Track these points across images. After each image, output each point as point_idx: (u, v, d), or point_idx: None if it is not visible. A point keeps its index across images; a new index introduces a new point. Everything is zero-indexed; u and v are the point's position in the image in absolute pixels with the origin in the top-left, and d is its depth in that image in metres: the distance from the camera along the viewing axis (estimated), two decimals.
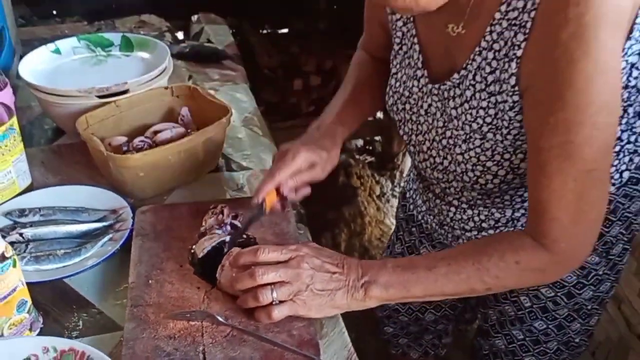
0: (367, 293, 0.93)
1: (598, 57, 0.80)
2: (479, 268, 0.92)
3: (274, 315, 0.90)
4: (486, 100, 0.95)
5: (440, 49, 1.01)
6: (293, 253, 0.94)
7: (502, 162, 0.99)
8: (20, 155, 1.15)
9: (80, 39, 1.46)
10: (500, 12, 0.89)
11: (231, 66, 1.66)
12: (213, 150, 1.24)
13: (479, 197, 1.10)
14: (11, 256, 0.87)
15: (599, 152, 0.85)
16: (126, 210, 1.12)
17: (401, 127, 1.14)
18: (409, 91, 1.08)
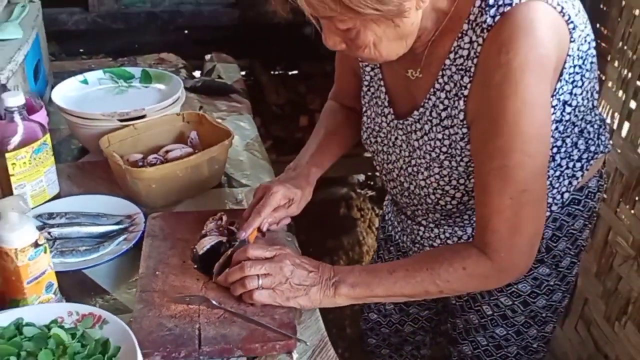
0: (337, 291, 1.09)
1: (524, 96, 0.98)
2: (432, 273, 1.08)
3: (255, 297, 1.07)
4: (441, 132, 1.13)
5: (403, 90, 1.19)
6: (277, 251, 1.12)
7: (458, 186, 1.16)
8: (51, 167, 1.34)
9: (105, 72, 1.67)
10: (450, 59, 1.08)
11: (238, 99, 1.86)
12: (216, 168, 1.43)
13: (442, 218, 1.27)
14: (43, 244, 1.04)
15: (531, 175, 1.02)
16: (139, 216, 1.31)
17: (375, 158, 1.32)
18: (379, 126, 1.26)
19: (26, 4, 1.76)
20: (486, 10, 1.00)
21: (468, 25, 1.04)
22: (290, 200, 1.25)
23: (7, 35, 1.57)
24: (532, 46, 0.97)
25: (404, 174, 1.24)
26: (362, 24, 0.98)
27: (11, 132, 1.27)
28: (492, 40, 1.00)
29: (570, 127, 1.14)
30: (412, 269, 1.09)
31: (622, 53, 1.68)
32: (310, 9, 0.95)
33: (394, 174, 1.27)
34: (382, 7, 0.93)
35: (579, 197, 1.25)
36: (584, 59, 1.06)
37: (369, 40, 1.00)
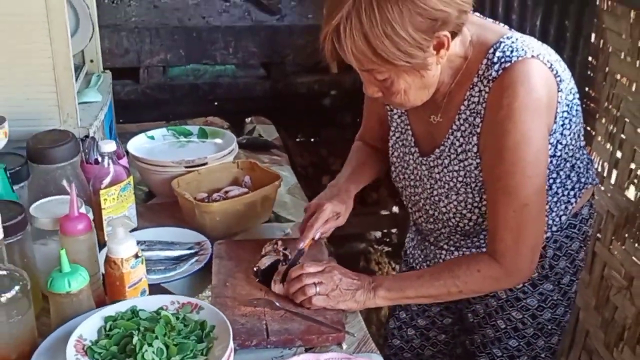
0: (376, 293, 1.35)
1: (522, 130, 1.27)
2: (452, 275, 1.35)
3: (314, 302, 1.33)
4: (457, 165, 1.41)
5: (426, 132, 1.48)
6: (326, 265, 1.38)
7: (473, 209, 1.43)
8: (132, 203, 1.62)
9: (168, 129, 1.97)
10: (464, 105, 1.37)
11: (277, 154, 2.15)
12: (267, 205, 1.70)
13: (462, 239, 1.53)
14: (141, 256, 1.30)
15: (531, 192, 1.30)
16: (207, 243, 1.57)
17: (403, 191, 1.59)
18: (407, 164, 1.54)
19: (100, 74, 2.08)
20: (491, 66, 1.30)
21: (477, 78, 1.33)
22: (337, 214, 1.51)
23: (90, 98, 1.88)
24: (527, 92, 1.26)
25: (428, 203, 1.51)
26: (396, 74, 1.26)
27: (104, 173, 1.55)
28: (496, 88, 1.29)
29: (563, 162, 1.42)
30: (436, 273, 1.36)
31: (607, 111, 1.97)
32: (357, 63, 1.24)
33: (419, 204, 1.54)
34: (411, 60, 1.22)
35: (575, 222, 1.51)
36: (570, 106, 1.36)
37: (401, 88, 1.29)
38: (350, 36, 1.20)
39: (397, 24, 1.18)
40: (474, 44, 1.34)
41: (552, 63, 1.31)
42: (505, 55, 1.29)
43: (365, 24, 1.18)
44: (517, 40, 1.31)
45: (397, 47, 1.19)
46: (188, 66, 2.93)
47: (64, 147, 1.50)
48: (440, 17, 1.20)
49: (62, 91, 1.67)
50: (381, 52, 1.20)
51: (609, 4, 1.95)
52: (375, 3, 1.18)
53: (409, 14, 1.18)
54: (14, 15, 1.58)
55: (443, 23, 1.21)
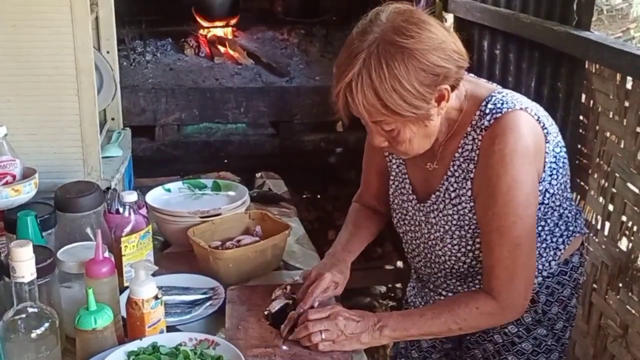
0: (381, 334, 1.44)
1: (513, 174, 1.39)
2: (452, 314, 1.44)
3: (320, 348, 1.41)
4: (452, 209, 1.51)
5: (422, 179, 1.59)
6: (330, 310, 1.47)
7: (467, 252, 1.53)
8: (150, 251, 1.72)
9: (184, 182, 2.08)
10: (458, 152, 1.49)
11: (286, 206, 2.26)
12: (277, 253, 1.80)
13: (458, 283, 1.62)
14: (160, 298, 1.40)
15: (523, 232, 1.41)
16: (220, 288, 1.66)
17: (403, 236, 1.69)
18: (405, 210, 1.64)
19: (121, 130, 2.21)
20: (483, 117, 1.43)
21: (471, 128, 1.46)
22: (336, 284, 1.59)
23: (112, 153, 2.01)
24: (516, 139, 1.39)
25: (426, 247, 1.61)
26: (402, 124, 1.38)
27: (125, 222, 1.65)
28: (488, 136, 1.42)
29: (551, 211, 1.52)
30: (437, 312, 1.45)
31: (599, 167, 2.08)
32: (367, 115, 1.37)
33: (419, 249, 1.64)
34: (416, 111, 1.35)
35: (565, 269, 1.60)
36: (557, 158, 1.47)
37: (407, 137, 1.41)
38: (361, 91, 1.33)
39: (404, 79, 1.31)
40: (468, 97, 1.47)
41: (540, 116, 1.44)
42: (497, 107, 1.42)
43: (375, 80, 1.31)
44: (507, 95, 1.45)
45: (404, 99, 1.32)
46: (201, 124, 3.08)
47: (89, 197, 1.61)
48: (442, 72, 1.34)
49: (87, 146, 1.80)
50: (390, 105, 1.33)
51: (597, 67, 2.08)
52: (384, 61, 1.31)
53: (414, 70, 1.31)
54: (46, 75, 1.72)
55: (444, 77, 1.35)
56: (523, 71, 2.37)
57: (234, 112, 3.05)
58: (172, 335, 1.31)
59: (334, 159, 3.58)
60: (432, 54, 1.33)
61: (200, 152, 3.06)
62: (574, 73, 2.14)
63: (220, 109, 3.02)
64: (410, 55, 1.31)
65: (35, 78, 1.72)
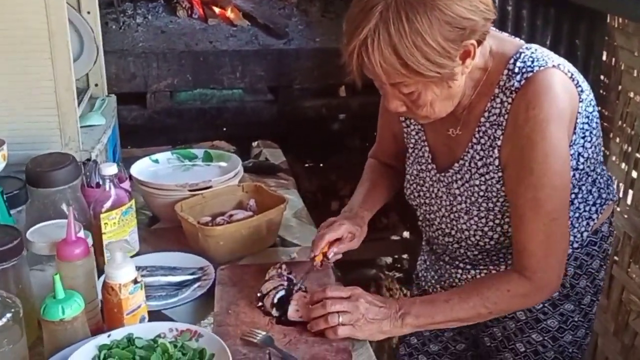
0: (404, 322, 1.31)
1: (550, 141, 1.24)
2: (482, 297, 1.31)
3: (339, 332, 1.27)
4: (478, 179, 1.37)
5: (443, 147, 1.44)
6: (351, 291, 1.33)
7: (494, 226, 1.39)
8: (134, 228, 1.58)
9: (173, 153, 1.93)
10: (484, 117, 1.33)
11: (284, 177, 2.11)
12: (273, 229, 1.65)
13: (480, 257, 1.48)
14: (140, 281, 1.26)
15: (559, 205, 1.28)
16: (210, 267, 1.52)
17: (418, 209, 1.55)
18: (422, 181, 1.49)
19: (105, 98, 2.06)
20: (513, 76, 1.28)
21: (499, 89, 1.31)
22: (352, 235, 1.46)
23: (93, 122, 1.85)
24: (552, 102, 1.24)
25: (446, 221, 1.46)
26: (424, 86, 1.24)
27: (105, 197, 1.51)
28: (520, 99, 1.27)
29: (585, 176, 1.38)
30: (464, 296, 1.32)
31: (622, 130, 1.92)
32: (385, 76, 1.21)
33: (436, 223, 1.50)
34: (441, 71, 1.20)
35: (595, 239, 1.47)
36: (590, 118, 1.33)
37: (428, 100, 1.26)
38: (378, 49, 1.18)
39: (427, 34, 1.16)
40: (493, 54, 1.33)
41: (573, 73, 1.30)
42: (527, 65, 1.28)
43: (394, 36, 1.16)
44: (536, 51, 1.31)
45: (426, 57, 1.18)
46: (195, 91, 2.91)
47: (64, 170, 1.47)
48: (468, 25, 1.19)
49: (64, 114, 1.64)
50: (411, 64, 1.18)
51: (620, 21, 1.92)
52: (403, 14, 1.16)
53: (438, 23, 1.16)
54: (15, 37, 1.56)
55: (471, 31, 1.20)
56: (537, 29, 2.21)
57: (230, 77, 2.88)
58: (151, 325, 1.17)
59: (337, 125, 3.43)
60: (457, 5, 1.17)
61: (195, 120, 2.91)
62: (594, 29, 1.99)
63: (215, 74, 2.85)
64: (433, 6, 1.16)
65: (3, 41, 1.56)
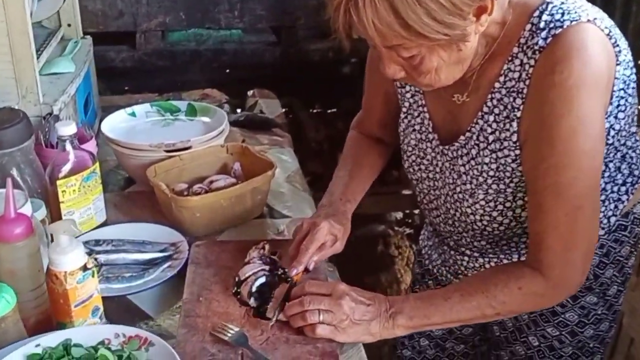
0: (395, 322, 1.10)
1: (579, 113, 1.00)
2: (487, 296, 1.09)
3: (318, 331, 1.07)
4: (488, 156, 1.14)
5: (447, 115, 1.21)
6: (333, 287, 1.12)
7: (504, 210, 1.17)
8: (99, 195, 1.38)
9: (152, 105, 1.72)
10: (499, 82, 1.10)
11: (279, 133, 1.89)
12: (259, 198, 1.45)
13: (489, 245, 1.27)
14: (91, 268, 1.07)
15: (585, 190, 1.04)
16: (183, 244, 1.33)
17: (418, 185, 1.33)
18: (423, 152, 1.27)
19: (79, 40, 1.83)
20: (537, 33, 1.04)
21: (518, 49, 1.06)
22: (334, 237, 1.25)
23: (61, 69, 1.63)
24: (585, 65, 1.00)
25: (450, 200, 1.24)
26: (428, 50, 1.01)
27: (63, 160, 1.31)
28: (544, 61, 1.03)
29: (613, 152, 1.15)
30: (467, 293, 1.10)
31: None
32: (379, 39, 0.98)
33: (440, 201, 1.28)
34: (450, 32, 0.97)
35: (625, 223, 1.24)
36: (627, 84, 1.09)
37: (433, 66, 1.03)
38: (371, 5, 0.94)
39: None
40: (514, 5, 1.08)
41: (610, 29, 1.05)
42: (555, 20, 1.03)
43: None
44: (567, 1, 1.05)
45: (432, 16, 0.94)
46: (189, 31, 2.65)
47: (12, 130, 1.27)
48: None
49: (19, 61, 1.42)
50: (413, 24, 0.95)
51: None
52: None
53: None
54: None
55: None
56: None
57: (227, 16, 2.61)
58: (94, 329, 0.98)
59: (346, 69, 3.18)
60: None
61: (189, 62, 2.65)
62: None
63: (211, 12, 2.58)
64: None
65: None
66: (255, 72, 2.75)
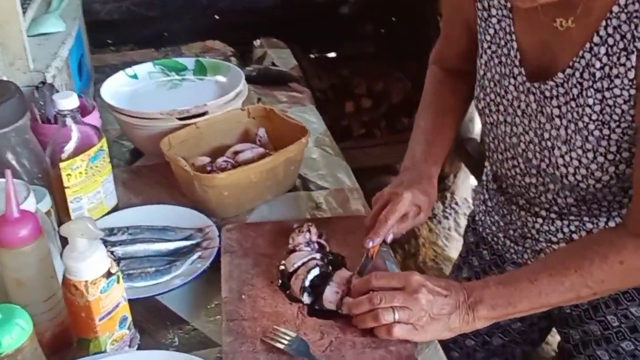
0: (475, 314, 0.93)
1: None
2: (582, 274, 0.92)
3: (395, 333, 0.91)
4: (592, 97, 0.96)
5: (542, 45, 1.02)
6: (406, 279, 0.94)
7: (605, 164, 0.99)
8: (108, 175, 1.19)
9: (155, 64, 1.50)
10: (619, 5, 0.90)
11: (298, 88, 1.69)
12: (292, 170, 1.26)
13: (574, 206, 1.09)
14: (116, 272, 0.89)
15: None
16: (212, 229, 1.15)
17: (492, 130, 1.15)
18: (505, 90, 1.08)
19: None
20: None
21: None
22: (418, 208, 1.08)
23: (49, 28, 1.41)
24: None
25: (534, 149, 1.07)
26: None
27: (65, 138, 1.11)
28: None
29: None
30: (557, 273, 0.93)
31: None
32: None
33: (518, 150, 1.10)
34: None
35: None
36: None
37: None
38: None
39: None
40: None
41: None
42: None
43: None
44: None
45: None
46: None
47: (4, 107, 1.06)
48: None
49: (4, 23, 1.20)
50: None
51: None
52: None
53: None
54: None
55: None
56: None
57: None
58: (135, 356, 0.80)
59: (344, 9, 2.96)
60: None
61: (182, 11, 2.42)
62: None
63: None
64: None
65: None
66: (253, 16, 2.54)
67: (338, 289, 0.97)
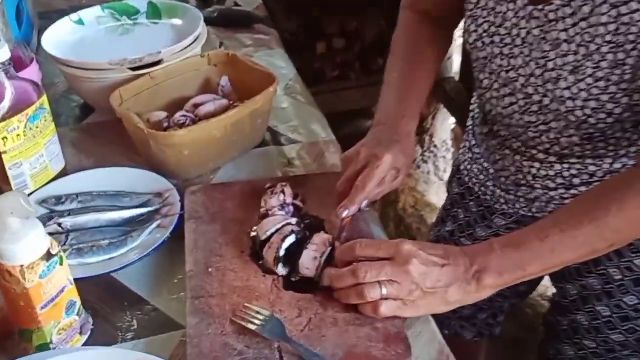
0: (480, 283, 0.82)
1: None
2: (598, 225, 0.81)
3: (382, 311, 0.80)
4: (606, 14, 0.83)
5: None
6: (395, 248, 0.83)
7: (618, 94, 0.88)
8: (52, 137, 1.05)
9: (104, 8, 1.35)
10: None
11: (263, 30, 1.54)
12: (260, 123, 1.13)
13: (578, 144, 0.98)
14: (57, 253, 0.77)
15: None
16: (173, 193, 1.02)
17: (487, 65, 1.02)
18: (502, 18, 0.96)
19: None
20: None
21: None
22: (396, 170, 0.96)
23: None
24: None
25: (536, 82, 0.94)
26: None
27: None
28: None
29: None
30: (568, 228, 0.82)
31: None
32: None
33: (516, 85, 0.98)
34: None
35: None
36: None
37: None
38: None
39: None
40: None
41: None
42: None
43: None
44: None
45: None
46: None
47: None
48: None
49: None
50: None
51: None
52: None
53: None
54: None
55: None
56: None
57: None
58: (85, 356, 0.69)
59: None
60: None
61: None
62: None
63: None
64: None
65: None
66: None
67: (317, 254, 0.86)
